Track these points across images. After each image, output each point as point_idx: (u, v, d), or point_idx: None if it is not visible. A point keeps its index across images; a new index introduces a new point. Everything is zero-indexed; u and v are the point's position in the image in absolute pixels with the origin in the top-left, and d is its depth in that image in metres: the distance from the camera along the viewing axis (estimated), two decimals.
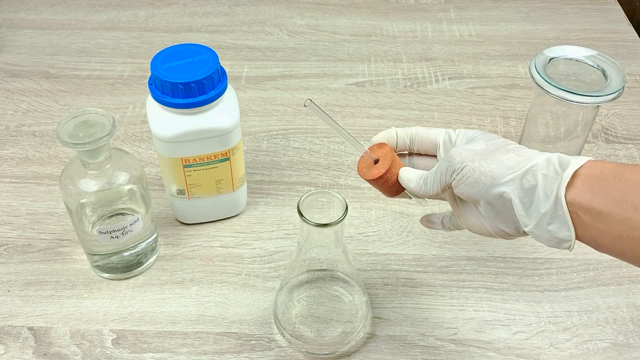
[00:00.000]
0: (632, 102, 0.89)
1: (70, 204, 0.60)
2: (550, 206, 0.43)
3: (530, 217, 0.44)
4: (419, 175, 0.51)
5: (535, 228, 0.44)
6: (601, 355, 0.60)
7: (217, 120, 0.62)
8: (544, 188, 0.43)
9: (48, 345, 0.60)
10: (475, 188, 0.46)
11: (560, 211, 0.43)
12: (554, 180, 0.43)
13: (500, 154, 0.46)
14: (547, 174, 0.44)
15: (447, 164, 0.48)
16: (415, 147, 0.53)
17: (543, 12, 1.07)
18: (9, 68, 0.94)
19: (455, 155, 0.47)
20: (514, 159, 0.45)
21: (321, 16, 1.05)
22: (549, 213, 0.43)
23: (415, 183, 0.51)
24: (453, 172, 0.47)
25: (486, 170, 0.45)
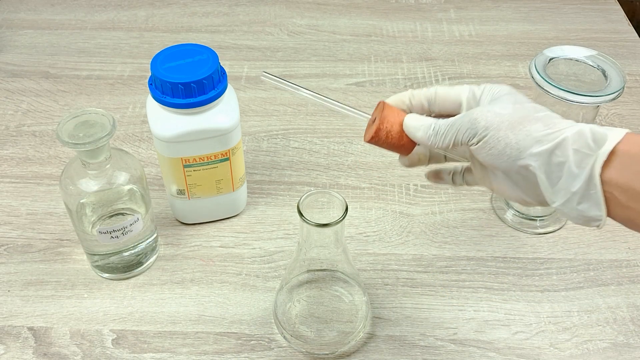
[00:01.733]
0: (632, 102, 0.89)
1: (70, 204, 0.60)
2: (582, 185, 0.40)
3: (558, 194, 0.42)
4: (428, 124, 0.46)
5: (563, 205, 0.42)
6: (601, 355, 0.60)
7: (217, 120, 0.62)
8: (576, 165, 0.40)
9: (48, 345, 0.60)
10: (499, 159, 0.43)
11: (593, 190, 0.40)
12: (588, 157, 0.40)
13: (528, 123, 0.43)
14: (579, 149, 0.40)
15: (468, 124, 0.44)
16: (437, 109, 0.49)
17: (543, 12, 1.07)
18: (9, 68, 0.94)
19: (480, 117, 0.44)
20: (542, 130, 0.42)
21: (321, 16, 1.05)
22: (579, 192, 0.41)
23: (424, 132, 0.46)
24: (474, 135, 0.44)
25: (512, 142, 0.42)
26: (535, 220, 0.71)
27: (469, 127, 0.44)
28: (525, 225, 0.71)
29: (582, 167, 0.40)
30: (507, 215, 0.72)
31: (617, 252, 0.69)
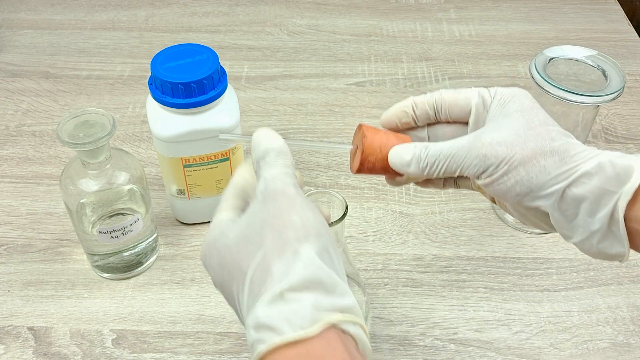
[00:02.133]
0: (632, 102, 0.89)
1: (70, 204, 0.60)
2: (602, 224, 0.37)
3: (575, 232, 0.39)
4: (418, 156, 0.42)
5: (582, 243, 0.39)
6: (601, 355, 0.60)
7: (217, 120, 0.62)
8: (595, 202, 0.37)
9: (48, 345, 0.60)
10: (507, 195, 0.40)
11: (616, 228, 0.37)
12: (609, 195, 0.37)
13: (542, 157, 0.39)
14: (599, 186, 0.37)
15: (476, 160, 0.40)
16: (443, 116, 0.45)
17: (543, 12, 1.07)
18: (9, 68, 0.94)
19: (489, 154, 0.40)
20: (558, 166, 0.38)
21: (321, 16, 1.05)
22: (600, 230, 0.38)
23: (416, 166, 0.42)
24: (483, 171, 0.40)
25: (523, 179, 0.39)
26: None
27: (477, 163, 0.40)
28: (525, 225, 0.71)
29: (603, 204, 0.37)
30: (507, 215, 0.72)
31: None
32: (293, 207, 0.35)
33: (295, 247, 0.34)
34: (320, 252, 0.34)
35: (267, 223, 0.35)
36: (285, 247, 0.34)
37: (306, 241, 0.34)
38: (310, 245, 0.34)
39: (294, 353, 0.31)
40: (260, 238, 0.35)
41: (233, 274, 0.36)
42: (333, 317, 0.32)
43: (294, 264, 0.33)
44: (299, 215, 0.35)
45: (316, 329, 0.31)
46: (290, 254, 0.33)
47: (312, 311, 0.32)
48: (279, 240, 0.34)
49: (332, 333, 0.32)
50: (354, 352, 0.32)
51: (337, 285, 0.34)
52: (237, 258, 0.35)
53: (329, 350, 0.31)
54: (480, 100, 0.43)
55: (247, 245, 0.35)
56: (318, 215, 0.36)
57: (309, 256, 0.33)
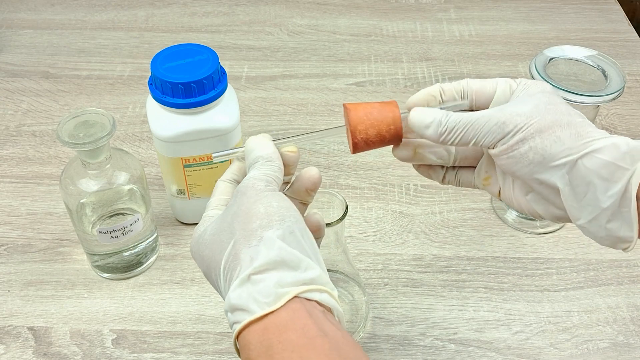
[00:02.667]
0: (632, 102, 0.89)
1: (70, 204, 0.60)
2: (613, 201, 0.37)
3: (584, 211, 0.38)
4: (438, 120, 0.42)
5: (589, 223, 0.39)
6: (601, 355, 0.60)
7: (217, 120, 0.62)
8: (608, 179, 0.37)
9: (48, 345, 0.60)
10: (519, 164, 0.40)
11: (626, 208, 0.37)
12: (622, 171, 0.37)
13: (559, 128, 0.39)
14: (612, 162, 0.37)
15: (495, 127, 0.40)
16: (468, 103, 0.45)
17: (543, 12, 1.07)
18: (9, 68, 0.94)
19: (509, 121, 0.40)
20: (573, 137, 0.38)
21: (321, 16, 1.05)
22: (610, 208, 0.37)
23: (434, 130, 0.42)
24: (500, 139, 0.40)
25: (537, 146, 0.39)
26: (536, 220, 0.71)
27: (495, 130, 0.40)
28: (525, 225, 0.71)
29: (614, 181, 0.37)
30: (507, 215, 0.72)
31: (617, 252, 0.69)
32: (259, 199, 0.38)
33: (260, 234, 0.37)
34: (284, 235, 0.37)
35: (236, 215, 0.38)
36: (251, 235, 0.37)
37: (269, 227, 0.37)
38: (273, 230, 0.37)
39: (261, 327, 0.35)
40: (231, 230, 0.38)
41: (211, 264, 0.39)
42: (296, 290, 0.35)
43: (258, 249, 0.36)
44: (264, 205, 0.38)
45: (281, 302, 0.35)
46: (256, 240, 0.37)
47: (275, 288, 0.35)
48: (245, 230, 0.37)
49: (296, 303, 0.35)
50: (318, 315, 0.35)
51: (300, 262, 0.37)
52: (213, 249, 0.39)
53: (293, 317, 0.34)
54: (507, 88, 0.43)
55: (220, 237, 0.39)
56: (283, 202, 0.39)
57: (271, 240, 0.37)
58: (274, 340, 0.34)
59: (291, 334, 0.34)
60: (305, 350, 0.33)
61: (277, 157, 0.42)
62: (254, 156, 0.42)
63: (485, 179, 0.47)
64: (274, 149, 0.43)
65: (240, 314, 0.36)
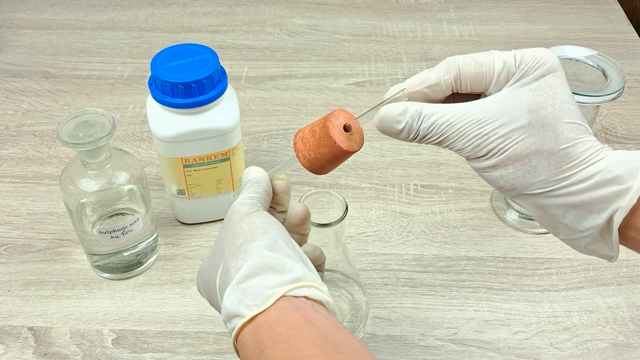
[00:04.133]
0: (632, 102, 0.89)
1: (70, 204, 0.60)
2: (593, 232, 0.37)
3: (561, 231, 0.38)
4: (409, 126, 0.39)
5: (568, 242, 0.39)
6: (601, 355, 0.60)
7: (217, 120, 0.62)
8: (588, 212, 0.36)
9: (48, 345, 0.60)
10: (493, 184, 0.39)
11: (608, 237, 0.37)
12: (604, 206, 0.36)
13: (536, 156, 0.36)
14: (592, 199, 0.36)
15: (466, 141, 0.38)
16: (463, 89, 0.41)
17: (543, 12, 1.07)
18: (9, 68, 0.94)
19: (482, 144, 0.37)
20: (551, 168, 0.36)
21: (321, 16, 1.05)
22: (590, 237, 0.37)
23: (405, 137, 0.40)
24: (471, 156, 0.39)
25: (509, 176, 0.37)
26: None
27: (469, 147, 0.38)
28: (525, 225, 0.71)
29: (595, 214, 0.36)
30: (507, 215, 0.72)
31: None
32: (243, 219, 0.41)
33: (245, 248, 0.39)
34: (269, 244, 0.39)
35: (225, 238, 0.41)
36: (238, 251, 0.39)
37: (253, 240, 0.39)
38: (257, 242, 0.39)
39: (253, 327, 0.36)
40: (221, 252, 0.41)
41: (210, 287, 0.42)
42: (283, 289, 0.37)
43: (244, 260, 0.38)
44: (247, 223, 0.40)
45: (269, 303, 0.36)
46: (242, 254, 0.39)
47: (263, 291, 0.37)
48: (232, 248, 0.40)
49: (284, 301, 0.37)
50: (306, 308, 0.37)
51: (285, 264, 0.38)
52: (210, 274, 0.41)
53: (281, 313, 0.36)
54: (505, 71, 0.39)
55: (213, 261, 0.41)
56: (266, 218, 0.41)
57: (256, 249, 0.38)
58: (264, 337, 0.36)
59: (280, 328, 0.36)
60: (294, 340, 0.35)
61: (264, 180, 0.44)
62: (244, 182, 0.45)
63: None
64: (263, 173, 0.45)
65: (235, 319, 0.37)
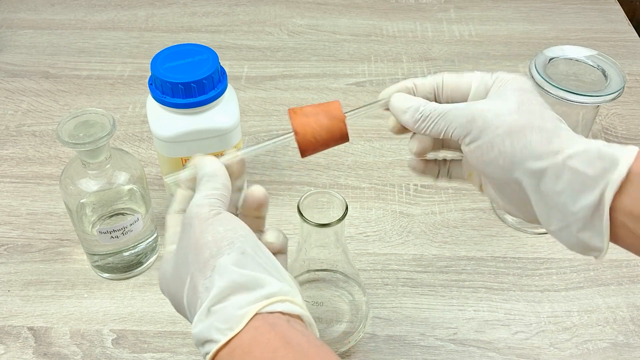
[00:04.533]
0: (632, 102, 0.89)
1: (70, 204, 0.60)
2: (584, 214, 0.36)
3: (554, 218, 0.38)
4: (416, 107, 0.42)
5: (560, 231, 0.38)
6: (601, 355, 0.60)
7: (217, 120, 0.62)
8: (579, 190, 0.36)
9: (48, 345, 0.60)
10: (489, 167, 0.39)
11: (599, 220, 0.36)
12: (594, 181, 0.36)
13: (530, 132, 0.38)
14: (584, 171, 0.36)
15: (464, 120, 0.40)
16: (444, 100, 0.44)
17: (543, 12, 1.07)
18: (9, 68, 0.94)
19: (478, 117, 0.39)
20: (544, 144, 0.37)
21: (321, 16, 1.05)
22: (582, 219, 0.36)
23: (411, 115, 0.42)
24: (467, 134, 0.40)
25: (507, 150, 0.38)
26: None
27: (464, 124, 0.40)
28: (525, 225, 0.71)
29: (585, 192, 0.36)
30: (507, 215, 0.72)
31: (617, 252, 0.68)
32: (205, 228, 0.38)
33: (212, 263, 0.37)
34: (236, 257, 0.37)
35: (188, 248, 0.38)
36: (205, 267, 0.37)
37: (220, 254, 0.37)
38: (225, 257, 0.37)
39: (228, 351, 0.34)
40: (186, 264, 0.38)
41: (177, 300, 0.40)
42: (256, 307, 0.35)
43: (212, 279, 0.36)
44: (211, 233, 0.37)
45: (242, 324, 0.35)
46: (209, 270, 0.37)
47: (234, 310, 0.35)
48: (198, 262, 0.37)
49: (258, 320, 0.35)
50: (281, 325, 0.35)
51: (257, 280, 0.36)
52: (176, 286, 0.39)
53: (255, 335, 0.34)
54: (482, 85, 0.43)
55: (179, 272, 0.39)
56: (229, 224, 0.38)
57: (224, 267, 0.36)
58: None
59: (256, 352, 0.34)
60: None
61: (222, 172, 0.41)
62: (200, 175, 0.41)
63: (469, 174, 0.47)
64: (219, 164, 0.42)
65: (208, 345, 0.36)
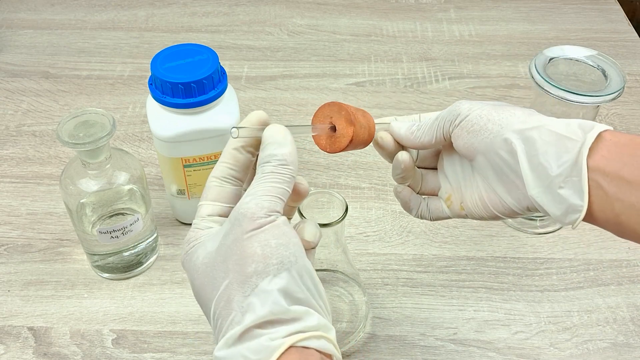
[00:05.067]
0: (632, 102, 0.89)
1: (70, 204, 0.60)
2: (564, 169, 0.38)
3: (537, 179, 0.40)
4: (411, 123, 0.47)
5: (543, 193, 0.40)
6: (601, 355, 0.60)
7: (217, 120, 0.62)
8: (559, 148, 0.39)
9: (48, 345, 0.60)
10: (479, 136, 0.42)
11: (577, 177, 0.38)
12: (572, 142, 0.39)
13: (514, 108, 0.43)
14: (564, 134, 0.39)
15: (450, 111, 0.44)
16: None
17: (543, 12, 1.07)
18: (9, 68, 0.94)
19: (463, 102, 0.44)
20: (527, 114, 0.42)
21: (321, 16, 1.05)
22: (562, 175, 0.39)
23: (406, 130, 0.47)
24: (456, 117, 0.44)
25: (495, 118, 0.42)
26: (535, 220, 0.71)
27: (452, 110, 0.44)
28: (525, 225, 0.71)
29: (565, 150, 0.39)
30: None
31: (617, 252, 0.69)
32: (256, 235, 0.35)
33: (255, 282, 0.34)
34: (285, 288, 0.34)
35: (231, 251, 0.35)
36: (246, 282, 0.34)
37: (265, 274, 0.34)
38: (270, 279, 0.34)
39: None
40: (225, 268, 0.35)
41: (202, 297, 0.36)
42: (291, 340, 0.33)
43: (252, 301, 0.34)
44: (260, 244, 0.34)
45: (275, 356, 0.32)
46: (250, 289, 0.34)
47: (267, 342, 0.33)
48: (240, 274, 0.34)
49: (293, 354, 0.33)
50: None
51: (299, 315, 0.34)
52: (205, 284, 0.36)
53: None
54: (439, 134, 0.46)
55: (214, 272, 0.36)
56: (282, 237, 0.35)
57: (268, 293, 0.34)
58: None
59: None
60: None
61: (293, 160, 0.37)
62: (268, 153, 0.37)
63: (447, 199, 0.49)
64: (293, 148, 0.38)
65: None
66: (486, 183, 0.44)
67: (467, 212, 0.47)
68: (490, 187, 0.44)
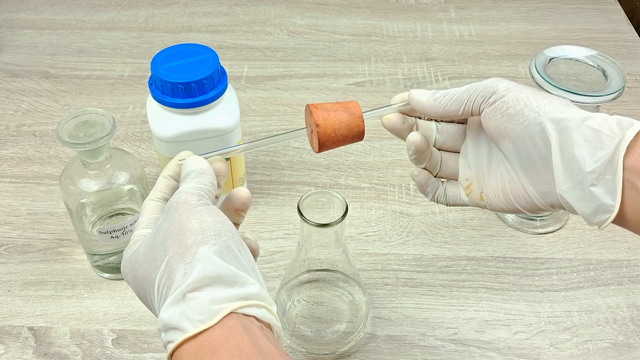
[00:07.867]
0: (632, 102, 0.89)
1: (70, 204, 0.60)
2: (599, 166, 0.37)
3: (569, 173, 0.38)
4: (434, 91, 0.44)
5: (573, 188, 0.38)
6: (601, 355, 0.60)
7: (217, 120, 0.62)
8: (595, 143, 0.37)
9: (48, 345, 0.60)
10: (514, 121, 0.40)
11: (611, 175, 0.36)
12: (609, 138, 0.37)
13: (550, 96, 0.41)
14: (600, 130, 0.37)
15: (486, 86, 0.42)
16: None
17: (543, 12, 1.07)
18: (9, 68, 0.94)
19: (502, 80, 0.42)
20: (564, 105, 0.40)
21: (321, 16, 1.05)
22: (595, 172, 0.37)
23: (429, 96, 0.44)
24: (492, 94, 0.42)
25: (533, 104, 0.40)
26: (535, 220, 0.71)
27: (488, 85, 0.42)
28: (525, 225, 0.71)
29: (601, 146, 0.37)
30: (507, 215, 0.72)
31: (617, 252, 0.69)
32: (192, 214, 0.37)
33: (194, 250, 0.36)
34: (220, 250, 0.36)
35: (169, 232, 0.37)
36: (186, 252, 0.36)
37: (204, 243, 0.36)
38: (209, 246, 0.36)
39: (195, 345, 0.34)
40: (164, 247, 0.37)
41: (145, 284, 0.38)
42: (233, 305, 0.34)
43: (193, 265, 0.35)
44: (198, 220, 0.37)
45: (215, 319, 0.34)
46: (190, 256, 0.36)
47: (210, 304, 0.34)
48: (179, 247, 0.36)
49: (233, 319, 0.34)
50: (255, 331, 0.34)
51: (237, 277, 0.36)
52: (147, 269, 0.38)
53: (228, 334, 0.33)
54: None
55: (153, 255, 0.37)
56: (218, 216, 0.38)
57: (207, 255, 0.35)
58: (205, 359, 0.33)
59: (224, 352, 0.33)
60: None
61: (210, 171, 0.41)
62: (187, 171, 0.42)
63: (466, 187, 0.47)
64: (206, 164, 0.42)
65: (174, 333, 0.34)
66: (511, 173, 0.43)
67: (487, 203, 0.45)
68: (515, 178, 0.42)
